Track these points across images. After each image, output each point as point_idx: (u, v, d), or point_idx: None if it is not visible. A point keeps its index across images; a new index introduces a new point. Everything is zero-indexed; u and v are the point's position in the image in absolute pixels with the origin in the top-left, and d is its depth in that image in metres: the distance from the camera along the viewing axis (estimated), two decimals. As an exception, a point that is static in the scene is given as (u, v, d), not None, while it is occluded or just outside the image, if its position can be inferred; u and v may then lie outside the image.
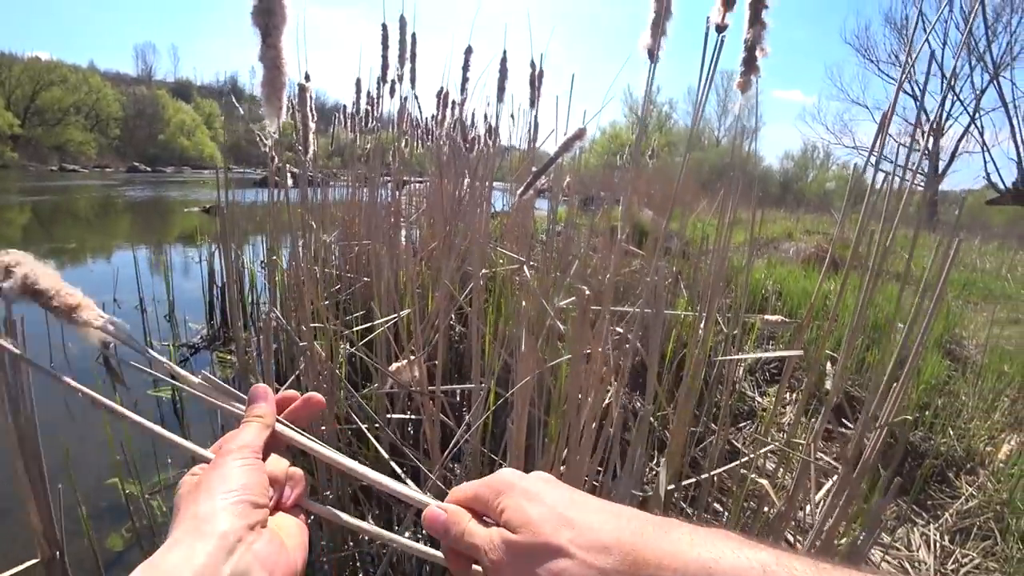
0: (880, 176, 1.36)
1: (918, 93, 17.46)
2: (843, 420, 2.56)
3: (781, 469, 1.95)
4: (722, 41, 1.16)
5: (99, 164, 38.25)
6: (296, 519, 0.44)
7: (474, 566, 0.41)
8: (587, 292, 0.86)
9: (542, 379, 1.24)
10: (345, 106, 3.44)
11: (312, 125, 1.87)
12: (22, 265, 0.52)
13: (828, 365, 2.84)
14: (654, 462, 1.99)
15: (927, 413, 2.60)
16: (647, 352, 1.25)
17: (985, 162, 16.82)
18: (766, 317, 1.97)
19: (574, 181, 2.76)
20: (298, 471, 0.47)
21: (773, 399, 2.93)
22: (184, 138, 45.98)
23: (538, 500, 0.39)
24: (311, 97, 1.99)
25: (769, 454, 2.14)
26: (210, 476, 0.40)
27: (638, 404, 2.32)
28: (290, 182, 1.95)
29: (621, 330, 1.27)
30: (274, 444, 0.48)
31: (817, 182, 30.16)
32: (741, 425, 2.70)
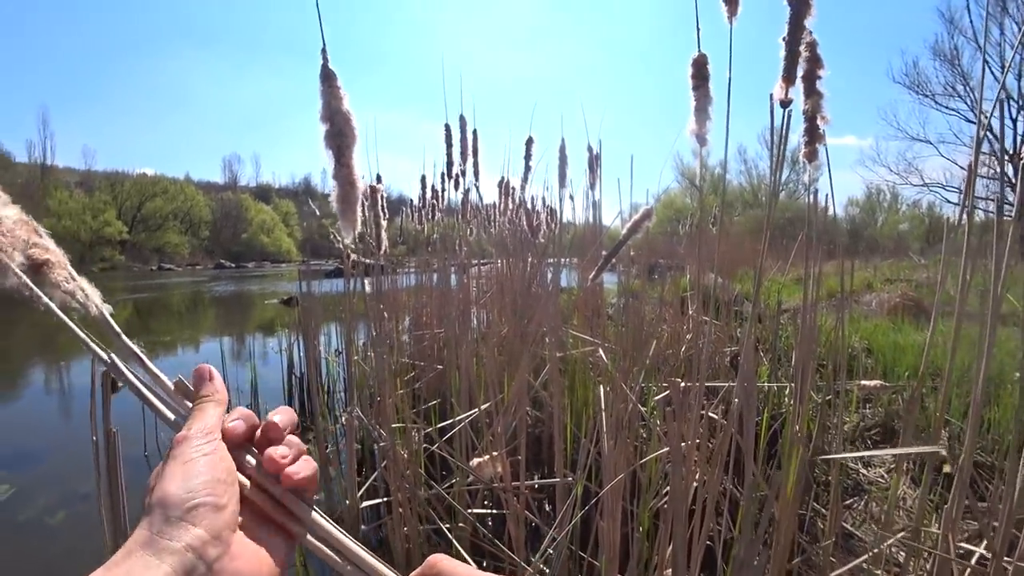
0: (953, 210, 1.27)
1: (986, 121, 16.66)
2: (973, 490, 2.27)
3: (912, 563, 1.73)
4: (789, 116, 1.17)
5: (191, 263, 42.07)
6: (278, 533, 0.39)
7: None
8: (681, 385, 0.82)
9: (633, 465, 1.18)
10: (412, 200, 3.65)
11: (384, 223, 1.99)
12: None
13: (944, 433, 2.56)
14: (756, 552, 1.81)
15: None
16: (742, 435, 1.17)
17: None
18: (863, 382, 1.81)
19: (638, 252, 2.76)
20: (307, 467, 0.41)
21: (881, 470, 2.66)
22: (264, 236, 50.08)
23: None
24: (382, 197, 2.13)
25: (897, 544, 1.91)
26: (166, 473, 0.36)
27: (730, 486, 2.15)
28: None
29: (714, 415, 1.20)
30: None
31: (888, 225, 28.63)
32: (849, 502, 2.45)
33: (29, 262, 0.49)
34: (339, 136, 0.79)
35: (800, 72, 1.19)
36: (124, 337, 0.50)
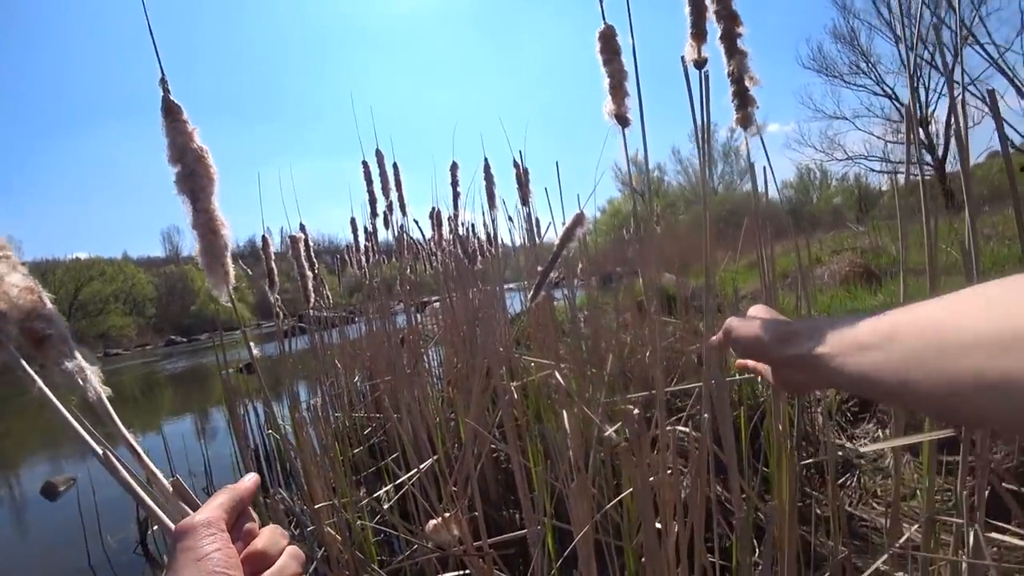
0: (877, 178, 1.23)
1: (890, 91, 17.68)
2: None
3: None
4: (706, 77, 1.09)
5: (139, 344, 40.04)
6: None
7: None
8: (636, 412, 0.72)
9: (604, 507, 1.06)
10: (349, 245, 3.50)
11: (310, 274, 1.85)
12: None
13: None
14: (756, 555, 1.71)
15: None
16: (722, 444, 1.07)
17: (999, 127, 16.55)
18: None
19: (587, 264, 2.68)
20: (290, 563, 0.42)
21: (865, 441, 2.63)
22: (214, 304, 48.37)
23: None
24: (306, 247, 1.99)
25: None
26: (183, 571, 0.36)
27: (719, 488, 2.06)
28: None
29: (685, 429, 1.10)
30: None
31: (823, 200, 29.92)
32: (840, 480, 2.39)
33: (28, 336, 0.48)
34: (192, 178, 0.67)
35: (718, 32, 1.11)
36: (125, 432, 0.50)
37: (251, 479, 0.47)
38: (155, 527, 0.44)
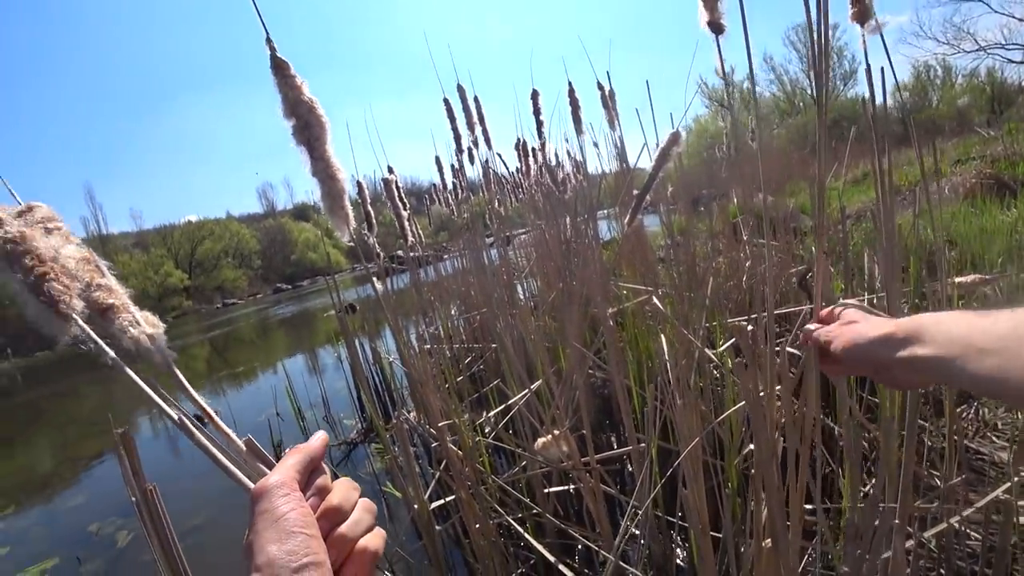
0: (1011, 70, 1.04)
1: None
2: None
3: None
4: None
5: (251, 293, 44.07)
6: None
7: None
8: (749, 329, 0.71)
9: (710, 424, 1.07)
10: (434, 184, 3.57)
11: (405, 213, 1.92)
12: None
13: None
14: (867, 488, 1.66)
15: None
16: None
17: None
18: (959, 280, 1.60)
19: (677, 187, 2.58)
20: (375, 541, 0.44)
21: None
22: (311, 252, 51.71)
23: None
24: (398, 187, 2.06)
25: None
26: (262, 533, 0.39)
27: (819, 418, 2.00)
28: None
29: (794, 351, 1.07)
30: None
31: (946, 103, 26.19)
32: (959, 411, 2.23)
33: (92, 307, 0.48)
34: (307, 129, 0.71)
35: None
36: (196, 395, 0.50)
37: (319, 438, 0.48)
38: (286, 451, 0.46)
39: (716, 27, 0.94)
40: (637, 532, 1.16)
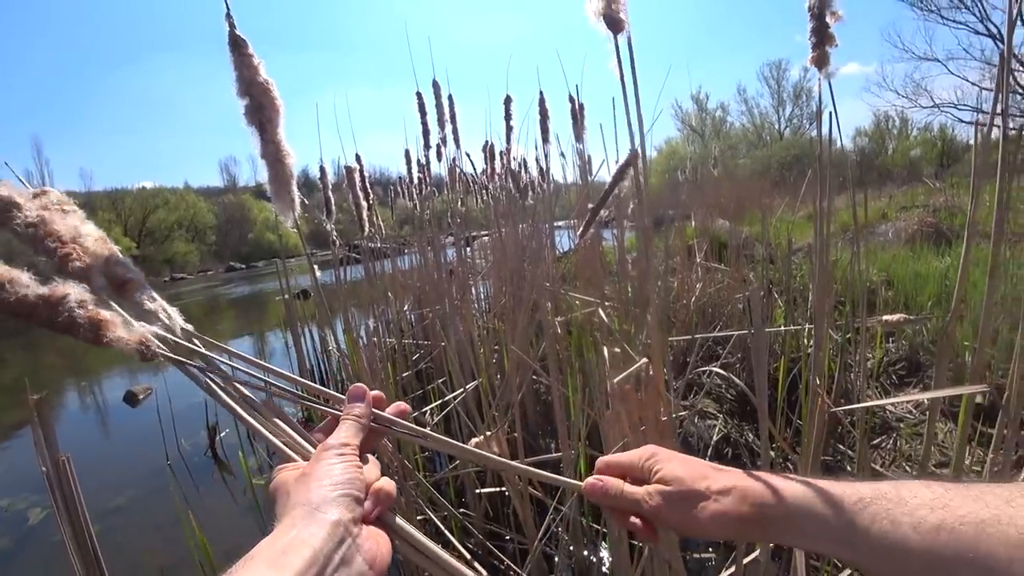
0: (969, 129, 1.13)
1: (995, 30, 15.76)
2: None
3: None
4: None
5: (202, 269, 42.42)
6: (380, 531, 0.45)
7: (632, 519, 0.53)
8: (644, 362, 0.74)
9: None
10: (401, 176, 3.55)
11: (365, 204, 1.91)
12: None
13: (969, 358, 2.45)
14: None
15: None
16: (754, 387, 1.08)
17: None
18: (885, 318, 1.71)
19: (639, 205, 2.64)
20: (388, 483, 0.47)
21: (909, 407, 2.56)
22: (270, 233, 50.27)
23: (682, 463, 0.52)
24: (362, 177, 2.04)
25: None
26: (315, 469, 0.43)
27: (750, 436, 2.09)
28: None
29: (719, 371, 1.12)
30: (368, 446, 0.50)
31: (900, 152, 27.71)
32: (876, 441, 2.37)
33: (111, 282, 0.50)
34: (260, 110, 0.70)
35: None
36: (240, 349, 0.54)
37: (361, 393, 0.51)
38: (223, 433, 0.49)
39: (613, 22, 0.77)
40: (564, 535, 1.18)
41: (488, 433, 1.10)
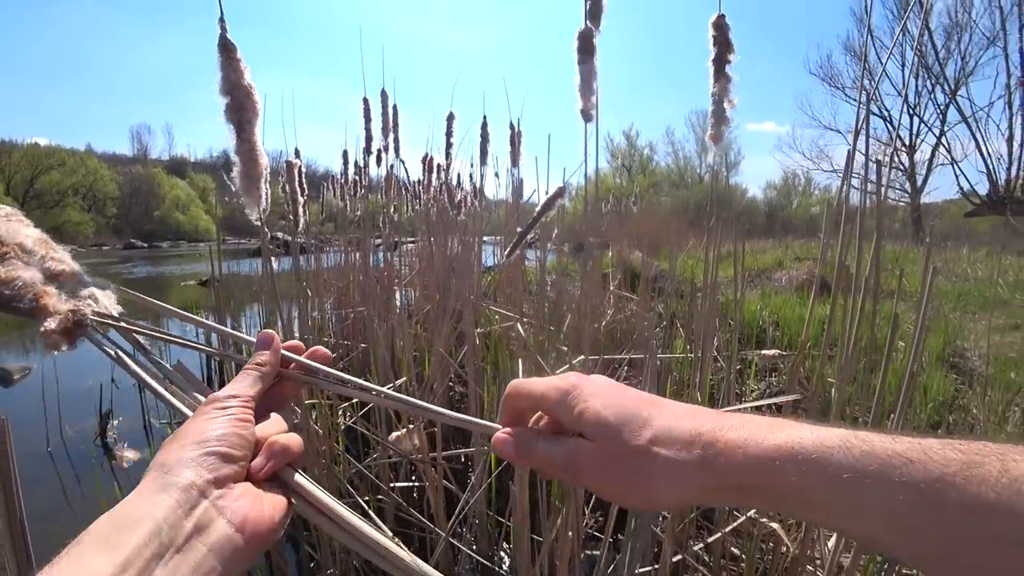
0: (856, 195, 1.40)
1: (886, 114, 17.99)
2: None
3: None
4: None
5: (96, 243, 38.68)
6: (269, 492, 0.40)
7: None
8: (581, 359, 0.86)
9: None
10: (335, 175, 3.54)
11: (302, 199, 1.93)
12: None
13: (834, 394, 2.81)
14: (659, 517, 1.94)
15: (939, 431, 2.56)
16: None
17: (956, 176, 17.33)
18: (763, 352, 1.96)
19: (562, 231, 2.82)
20: (290, 438, 0.42)
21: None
22: (179, 213, 46.84)
23: (608, 399, 0.39)
24: (300, 172, 2.06)
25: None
26: (186, 427, 0.38)
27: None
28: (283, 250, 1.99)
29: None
30: (280, 400, 0.47)
31: (802, 208, 30.57)
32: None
33: (45, 274, 0.53)
34: (239, 111, 0.77)
35: (711, 54, 1.26)
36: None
37: (269, 339, 0.47)
38: (116, 421, 0.53)
39: (586, 115, 1.13)
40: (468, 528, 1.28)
41: (410, 427, 1.18)
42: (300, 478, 0.41)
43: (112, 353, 0.50)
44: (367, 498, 1.42)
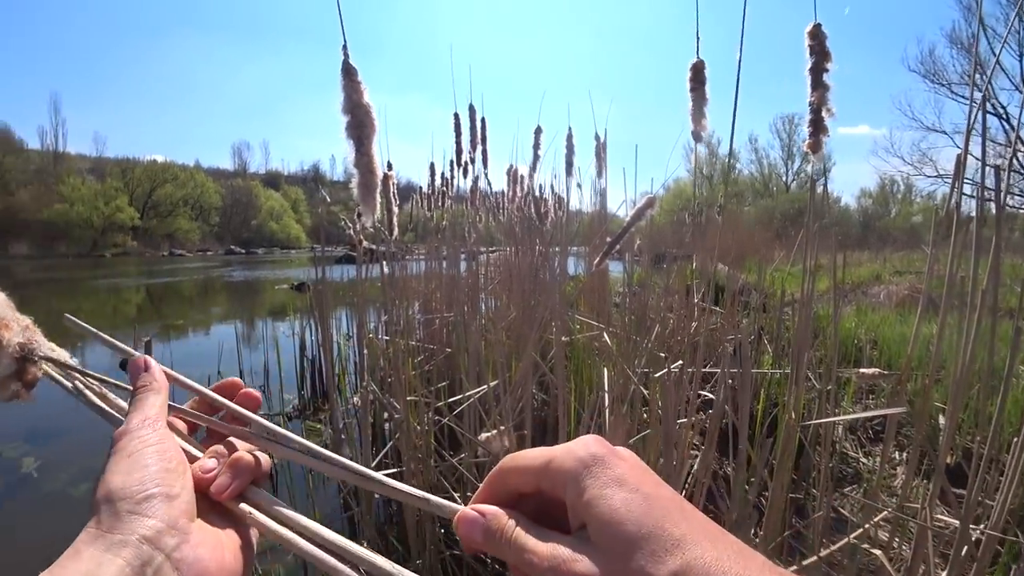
0: (968, 202, 1.30)
1: (1002, 111, 16.31)
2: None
3: (896, 539, 1.78)
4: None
5: (201, 248, 42.51)
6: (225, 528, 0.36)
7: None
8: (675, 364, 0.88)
9: (629, 446, 1.24)
10: (421, 187, 3.71)
11: (395, 210, 2.05)
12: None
13: (941, 419, 2.59)
14: (751, 533, 1.87)
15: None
16: (736, 414, 1.22)
17: None
18: (861, 371, 1.85)
19: (644, 242, 2.79)
20: (258, 453, 0.39)
21: (879, 460, 2.70)
22: (273, 222, 50.50)
23: (637, 499, 0.27)
24: (394, 184, 2.19)
25: (883, 523, 1.96)
26: (110, 468, 0.33)
27: (729, 470, 2.21)
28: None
29: (707, 393, 1.25)
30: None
31: (902, 217, 28.23)
32: (846, 490, 2.50)
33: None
34: (359, 127, 0.84)
35: (808, 63, 1.24)
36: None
37: (140, 362, 0.42)
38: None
39: (697, 136, 1.20)
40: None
41: (502, 428, 1.22)
42: (266, 496, 0.37)
43: (70, 387, 0.45)
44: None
